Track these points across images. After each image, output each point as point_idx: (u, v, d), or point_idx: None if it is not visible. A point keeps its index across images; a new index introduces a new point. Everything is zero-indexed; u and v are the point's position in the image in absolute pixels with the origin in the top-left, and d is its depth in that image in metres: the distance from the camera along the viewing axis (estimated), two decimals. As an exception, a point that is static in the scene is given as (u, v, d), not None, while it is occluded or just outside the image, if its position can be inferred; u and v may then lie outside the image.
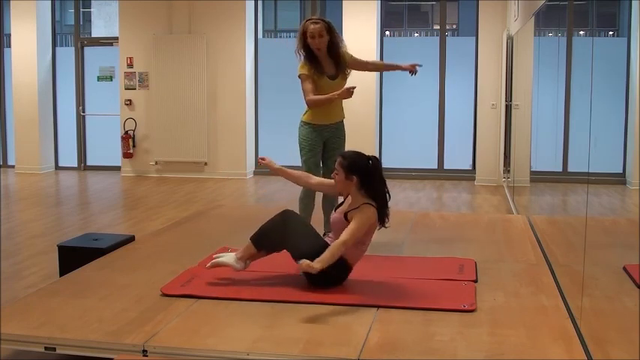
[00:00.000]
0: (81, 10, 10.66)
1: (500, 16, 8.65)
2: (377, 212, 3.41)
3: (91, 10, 16.80)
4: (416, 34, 17.35)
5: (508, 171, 8.14)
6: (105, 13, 16.49)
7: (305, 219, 3.95)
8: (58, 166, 10.38)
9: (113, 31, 10.55)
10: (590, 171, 3.40)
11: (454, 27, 14.40)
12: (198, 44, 9.31)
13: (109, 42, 10.23)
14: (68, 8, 13.47)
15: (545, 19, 5.75)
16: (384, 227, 3.54)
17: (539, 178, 6.00)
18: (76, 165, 10.33)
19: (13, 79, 10.00)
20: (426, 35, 16.53)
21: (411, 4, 17.74)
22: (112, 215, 6.91)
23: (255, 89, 9.66)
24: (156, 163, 9.65)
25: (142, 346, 2.75)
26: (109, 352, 2.76)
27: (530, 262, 4.09)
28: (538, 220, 5.31)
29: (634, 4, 3.85)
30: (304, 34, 4.32)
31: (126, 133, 9.66)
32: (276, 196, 7.93)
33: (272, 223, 3.50)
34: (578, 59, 4.53)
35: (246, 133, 9.40)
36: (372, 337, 2.81)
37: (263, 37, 10.62)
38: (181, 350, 2.73)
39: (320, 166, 4.53)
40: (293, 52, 4.46)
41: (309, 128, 4.47)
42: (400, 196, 7.76)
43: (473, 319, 3.03)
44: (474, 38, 9.03)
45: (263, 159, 3.76)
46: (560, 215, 5.45)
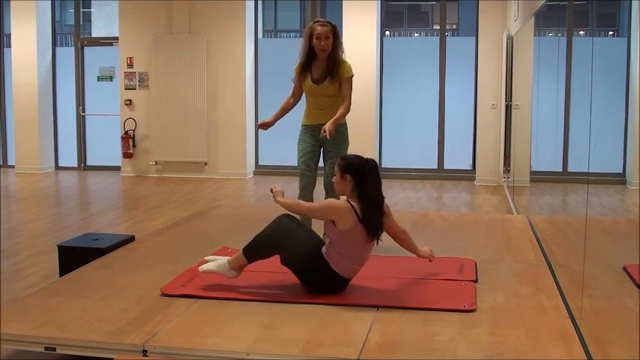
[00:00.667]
0: (81, 10, 10.66)
1: (500, 16, 8.65)
2: (355, 212, 3.27)
3: (91, 10, 16.80)
4: (416, 34, 17.34)
5: (508, 171, 8.14)
6: (105, 13, 16.49)
7: (304, 222, 3.93)
8: (58, 166, 10.38)
9: (113, 31, 10.55)
10: (590, 171, 3.40)
11: (454, 27, 14.39)
12: (198, 44, 9.31)
13: (109, 42, 10.23)
14: (68, 8, 13.47)
15: (545, 19, 5.75)
16: (377, 243, 3.40)
17: (539, 178, 6.00)
18: (76, 165, 10.33)
19: (13, 79, 10.00)
20: (426, 35, 16.53)
21: (411, 4, 17.73)
22: (112, 215, 6.91)
23: (255, 89, 9.66)
24: (156, 163, 9.65)
25: (142, 346, 2.75)
26: (109, 352, 2.76)
27: (530, 262, 4.09)
28: (538, 220, 5.31)
29: (634, 4, 3.85)
30: (310, 35, 4.33)
31: (126, 133, 9.66)
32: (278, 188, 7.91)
33: (266, 235, 3.43)
34: (578, 59, 4.53)
35: (246, 133, 9.40)
36: (372, 337, 2.81)
37: (263, 37, 10.62)
38: (181, 350, 2.73)
39: (311, 168, 4.48)
40: (292, 52, 4.46)
41: (302, 128, 4.55)
42: (400, 196, 7.74)
43: (473, 319, 3.03)
44: (474, 38, 9.04)
45: (274, 188, 3.62)
46: (560, 215, 5.45)
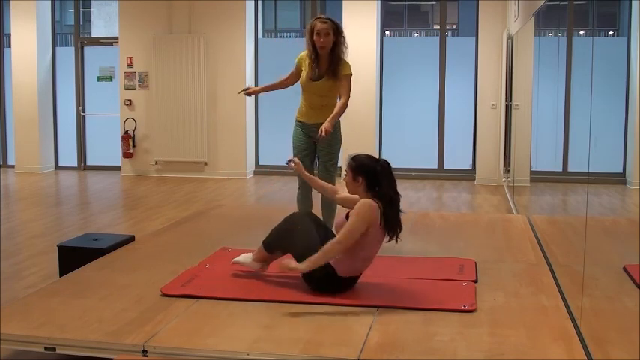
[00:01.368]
0: (81, 10, 10.65)
1: (500, 16, 8.65)
2: (381, 212, 3.27)
3: (91, 10, 16.78)
4: (416, 34, 17.33)
5: (508, 171, 8.14)
6: (105, 13, 16.47)
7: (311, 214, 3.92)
8: (58, 166, 10.38)
9: (113, 31, 10.55)
10: (590, 171, 3.40)
11: (454, 27, 14.38)
12: (198, 44, 9.31)
13: (109, 42, 10.23)
14: (68, 8, 13.46)
15: (545, 19, 5.75)
16: (395, 241, 3.41)
17: (539, 178, 6.00)
18: (76, 165, 10.33)
19: (13, 79, 10.00)
20: (426, 35, 16.51)
21: (411, 4, 17.72)
22: (112, 215, 6.91)
23: (255, 89, 9.65)
24: (156, 163, 9.65)
25: (142, 346, 2.75)
26: (109, 352, 2.76)
27: (530, 262, 4.09)
28: (538, 220, 5.31)
29: (634, 4, 3.85)
30: (311, 32, 4.34)
31: (126, 133, 9.66)
32: (276, 196, 7.92)
33: (279, 227, 3.53)
34: (578, 59, 4.53)
35: (246, 133, 9.40)
36: (372, 337, 2.81)
37: (263, 37, 10.62)
38: (181, 350, 2.73)
39: (306, 165, 4.45)
40: (292, 52, 4.46)
41: (295, 124, 4.58)
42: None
43: (473, 319, 3.03)
44: (474, 38, 9.03)
45: (294, 162, 3.69)
46: (560, 215, 5.45)
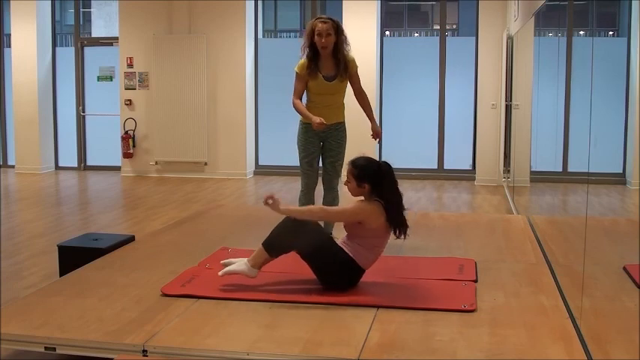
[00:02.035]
0: (81, 10, 10.65)
1: (500, 16, 8.65)
2: (385, 213, 3.36)
3: (91, 10, 16.77)
4: (416, 34, 17.32)
5: (508, 171, 8.14)
6: (105, 13, 16.46)
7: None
8: (58, 166, 10.38)
9: (113, 31, 10.55)
10: (590, 171, 3.39)
11: (454, 27, 14.37)
12: (198, 44, 9.31)
13: (109, 42, 10.23)
14: (68, 8, 13.44)
15: (545, 19, 5.75)
16: (403, 238, 3.48)
17: (539, 178, 6.00)
18: (76, 165, 10.33)
19: (13, 79, 10.00)
20: (426, 35, 16.50)
21: (411, 4, 17.71)
22: (112, 215, 6.91)
23: (255, 89, 9.66)
24: (156, 163, 9.65)
25: (142, 346, 2.75)
26: (109, 352, 2.76)
27: (530, 262, 4.09)
28: (538, 220, 5.31)
29: (634, 4, 3.84)
30: (312, 32, 4.33)
31: (126, 133, 9.66)
32: (277, 196, 7.90)
33: (283, 226, 3.44)
34: (578, 59, 4.52)
35: (246, 133, 9.40)
36: (372, 337, 2.81)
37: (263, 37, 10.61)
38: (181, 350, 2.73)
39: (314, 167, 4.53)
40: (292, 52, 4.45)
41: (304, 127, 4.50)
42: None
43: (473, 319, 3.03)
44: (474, 38, 9.03)
45: (271, 197, 3.44)
46: (560, 215, 5.44)
